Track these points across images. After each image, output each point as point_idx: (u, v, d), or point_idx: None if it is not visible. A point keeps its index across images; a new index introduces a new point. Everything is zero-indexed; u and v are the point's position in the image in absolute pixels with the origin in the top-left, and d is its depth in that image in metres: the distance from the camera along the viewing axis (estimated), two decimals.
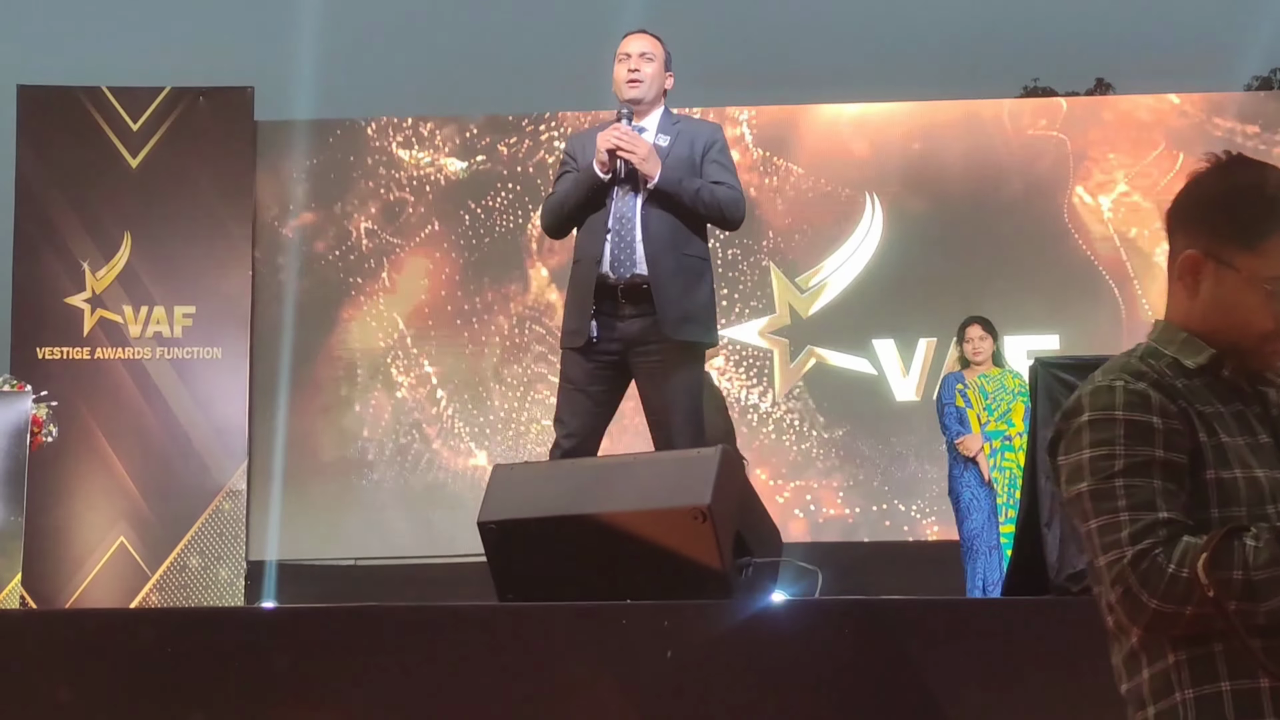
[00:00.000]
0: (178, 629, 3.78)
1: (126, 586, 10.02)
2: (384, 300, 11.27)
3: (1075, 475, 2.12)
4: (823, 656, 3.54)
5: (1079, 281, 11.25)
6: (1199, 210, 2.20)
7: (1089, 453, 2.10)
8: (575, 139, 5.54)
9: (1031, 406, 4.31)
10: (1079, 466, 2.11)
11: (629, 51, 5.34)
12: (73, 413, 9.55)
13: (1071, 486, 2.12)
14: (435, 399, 11.14)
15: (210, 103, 10.82)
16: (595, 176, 5.17)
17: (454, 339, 11.25)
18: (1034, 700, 3.48)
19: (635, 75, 5.30)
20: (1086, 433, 2.11)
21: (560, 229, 5.39)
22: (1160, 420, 2.08)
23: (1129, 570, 2.02)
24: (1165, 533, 2.02)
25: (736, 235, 11.17)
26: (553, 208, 5.34)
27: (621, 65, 5.33)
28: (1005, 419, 8.02)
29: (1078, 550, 4.04)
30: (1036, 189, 11.38)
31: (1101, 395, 2.12)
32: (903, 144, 11.47)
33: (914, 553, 10.64)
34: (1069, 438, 2.14)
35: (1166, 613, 2.00)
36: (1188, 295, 2.19)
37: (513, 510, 4.01)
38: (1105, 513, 2.06)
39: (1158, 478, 2.05)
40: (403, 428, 11.13)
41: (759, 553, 3.98)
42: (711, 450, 3.90)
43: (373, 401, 11.15)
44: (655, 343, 5.13)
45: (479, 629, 3.63)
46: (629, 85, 5.30)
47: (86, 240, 10.48)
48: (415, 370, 11.20)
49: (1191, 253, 2.17)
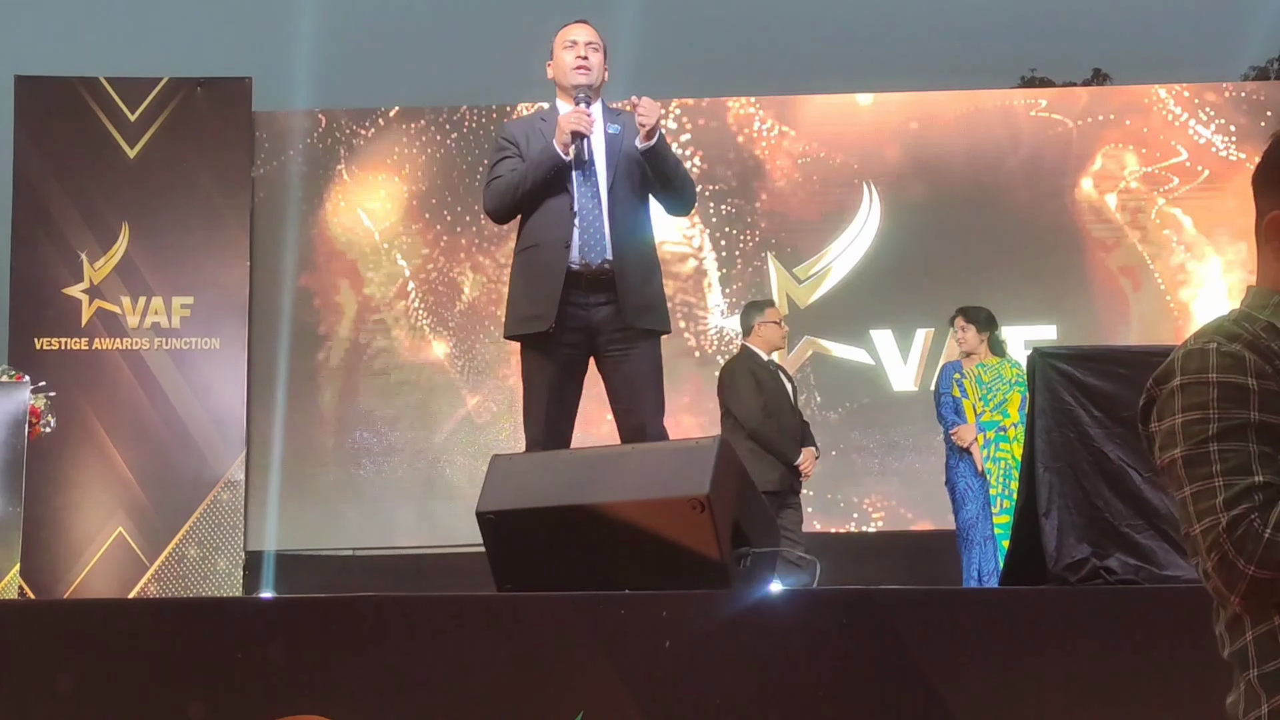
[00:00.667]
0: (176, 619, 3.78)
1: (125, 577, 10.03)
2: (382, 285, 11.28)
3: (1168, 441, 2.08)
4: (821, 646, 3.54)
5: (1078, 272, 11.26)
6: (1272, 178, 2.18)
7: (1181, 417, 2.05)
8: (512, 126, 5.50)
9: (1030, 397, 4.31)
10: (1171, 432, 2.07)
11: (576, 39, 5.34)
12: (71, 403, 9.55)
13: (1165, 453, 2.08)
14: None
15: (208, 93, 10.82)
16: (556, 157, 5.16)
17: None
18: (1032, 689, 3.49)
19: (584, 63, 5.31)
20: (1179, 397, 2.07)
21: (510, 212, 5.33)
22: (1255, 382, 2.03)
23: (1224, 537, 1.98)
24: (1261, 497, 1.97)
25: (734, 225, 11.19)
26: (505, 190, 5.26)
27: (569, 52, 5.33)
28: (1001, 409, 8.03)
29: (1075, 540, 4.05)
30: (1036, 179, 11.39)
31: (1194, 359, 2.08)
32: (901, 133, 11.47)
33: (911, 542, 10.66)
34: (1161, 402, 2.11)
35: (1264, 579, 1.96)
36: (1277, 258, 2.17)
37: (511, 500, 4.01)
38: (1199, 479, 2.02)
39: (1253, 441, 2.00)
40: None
41: (757, 543, 3.98)
42: (709, 440, 3.90)
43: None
44: (619, 330, 5.15)
45: (477, 619, 3.63)
46: (578, 71, 5.30)
47: (84, 231, 10.48)
48: None
49: (1277, 214, 2.16)
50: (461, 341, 11.25)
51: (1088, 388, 4.15)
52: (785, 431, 7.91)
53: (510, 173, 5.26)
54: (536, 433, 5.16)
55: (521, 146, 5.31)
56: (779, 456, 7.83)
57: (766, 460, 7.80)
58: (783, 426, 7.92)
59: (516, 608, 3.67)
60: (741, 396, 7.99)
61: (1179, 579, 3.97)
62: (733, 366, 8.26)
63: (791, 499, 7.93)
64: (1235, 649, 2.11)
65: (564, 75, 5.33)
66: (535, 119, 5.43)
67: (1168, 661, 3.51)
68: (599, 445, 5.10)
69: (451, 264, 11.34)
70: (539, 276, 5.17)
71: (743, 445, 7.84)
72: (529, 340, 5.20)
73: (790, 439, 7.91)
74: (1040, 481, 4.09)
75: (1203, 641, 3.53)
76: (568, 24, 5.42)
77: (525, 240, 5.29)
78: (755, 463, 7.76)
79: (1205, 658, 3.49)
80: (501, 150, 5.37)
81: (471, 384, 11.19)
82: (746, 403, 7.95)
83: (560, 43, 5.37)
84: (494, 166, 5.37)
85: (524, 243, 5.29)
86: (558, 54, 5.37)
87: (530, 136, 5.31)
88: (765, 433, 7.85)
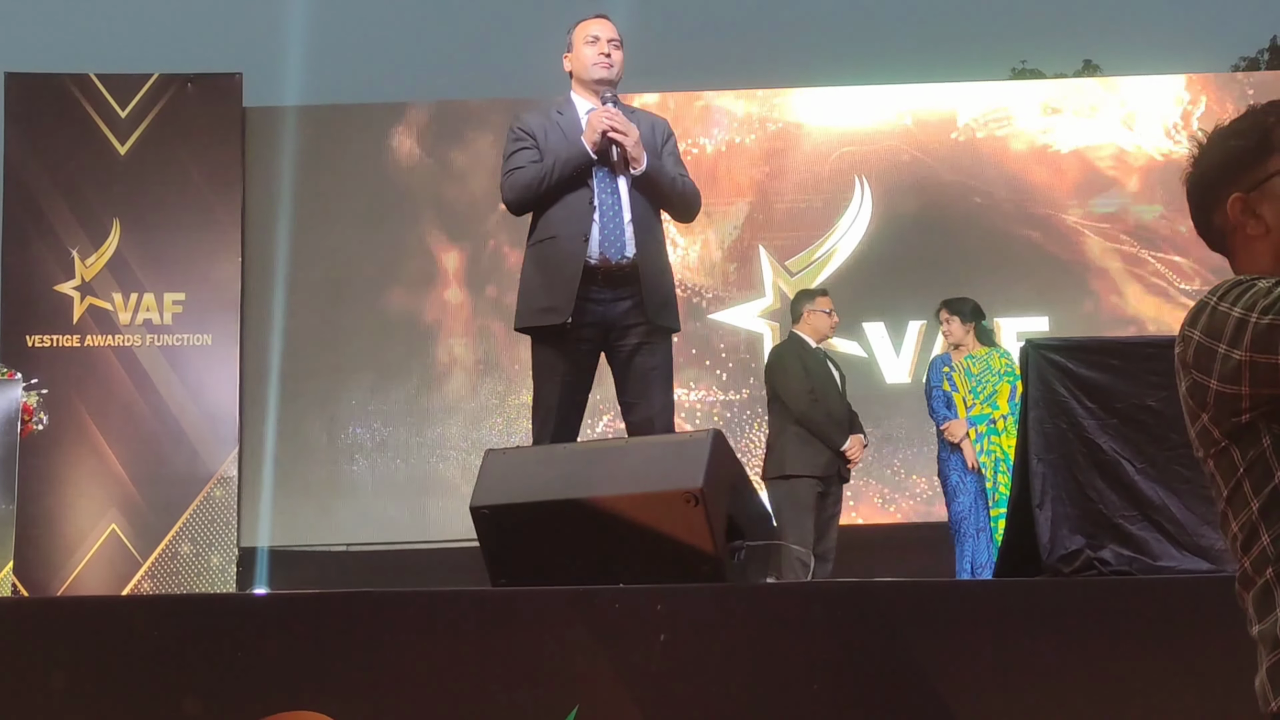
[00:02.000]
0: (170, 616, 3.78)
1: (118, 574, 10.02)
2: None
3: (1237, 333, 2.04)
4: (815, 639, 3.55)
5: (1070, 264, 11.27)
6: (1214, 168, 2.22)
7: (1238, 311, 2.04)
8: (529, 118, 5.44)
9: (1023, 388, 4.31)
10: (1222, 326, 2.05)
11: (598, 35, 5.33)
12: (63, 400, 9.55)
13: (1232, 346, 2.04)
14: None
15: (198, 89, 10.81)
16: (585, 155, 5.15)
17: None
18: (1026, 680, 3.49)
19: (606, 59, 5.30)
20: (1226, 301, 2.06)
21: (531, 205, 5.29)
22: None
23: None
24: None
25: (726, 218, 11.19)
26: (529, 182, 5.23)
27: (591, 47, 5.31)
28: (990, 402, 8.04)
29: (1069, 532, 4.05)
30: (1027, 170, 11.39)
31: (1232, 287, 2.08)
32: (892, 126, 11.47)
33: (905, 535, 10.66)
34: (1206, 322, 2.09)
35: None
36: (1257, 234, 2.18)
37: (505, 495, 4.01)
38: None
39: None
40: None
41: (751, 536, 3.99)
42: (703, 434, 3.90)
43: None
44: (638, 326, 5.15)
45: (471, 613, 3.63)
46: (600, 66, 5.30)
47: (75, 228, 10.47)
48: None
49: (1235, 195, 2.18)
50: (455, 335, 11.23)
51: (1081, 379, 4.15)
52: (832, 417, 7.91)
53: (532, 164, 5.23)
54: (546, 425, 5.14)
55: (540, 139, 5.29)
56: (826, 441, 7.83)
57: (813, 445, 7.84)
58: (830, 412, 7.92)
59: (511, 602, 3.67)
60: (789, 381, 8.02)
61: (1173, 570, 3.98)
62: (782, 350, 8.32)
63: (836, 486, 7.93)
64: (1264, 628, 2.11)
65: (584, 70, 5.32)
66: (551, 111, 5.40)
67: (1162, 652, 3.52)
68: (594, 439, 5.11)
69: (446, 256, 11.32)
70: (556, 269, 5.15)
71: (789, 430, 7.88)
72: (542, 333, 5.19)
73: (837, 425, 7.90)
74: (1034, 473, 4.09)
75: (1196, 632, 3.55)
76: (587, 18, 5.39)
77: (542, 232, 5.25)
78: (802, 447, 7.80)
79: (1199, 648, 3.51)
80: (519, 141, 5.33)
81: (465, 378, 11.18)
82: (794, 387, 7.97)
83: (581, 37, 5.35)
84: (512, 157, 5.32)
85: (540, 235, 5.26)
86: (578, 48, 5.35)
87: (548, 130, 5.29)
88: (812, 417, 7.86)
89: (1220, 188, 2.21)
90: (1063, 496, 4.07)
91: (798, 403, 7.93)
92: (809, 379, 7.98)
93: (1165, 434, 4.07)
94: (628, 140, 5.14)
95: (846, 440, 7.87)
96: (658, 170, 5.23)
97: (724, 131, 11.49)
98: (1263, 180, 2.17)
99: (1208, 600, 3.63)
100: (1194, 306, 2.14)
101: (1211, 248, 2.29)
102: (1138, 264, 11.22)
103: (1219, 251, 2.27)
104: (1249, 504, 2.11)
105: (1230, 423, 2.12)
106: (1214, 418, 2.14)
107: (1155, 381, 4.10)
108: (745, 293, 11.26)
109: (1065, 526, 4.02)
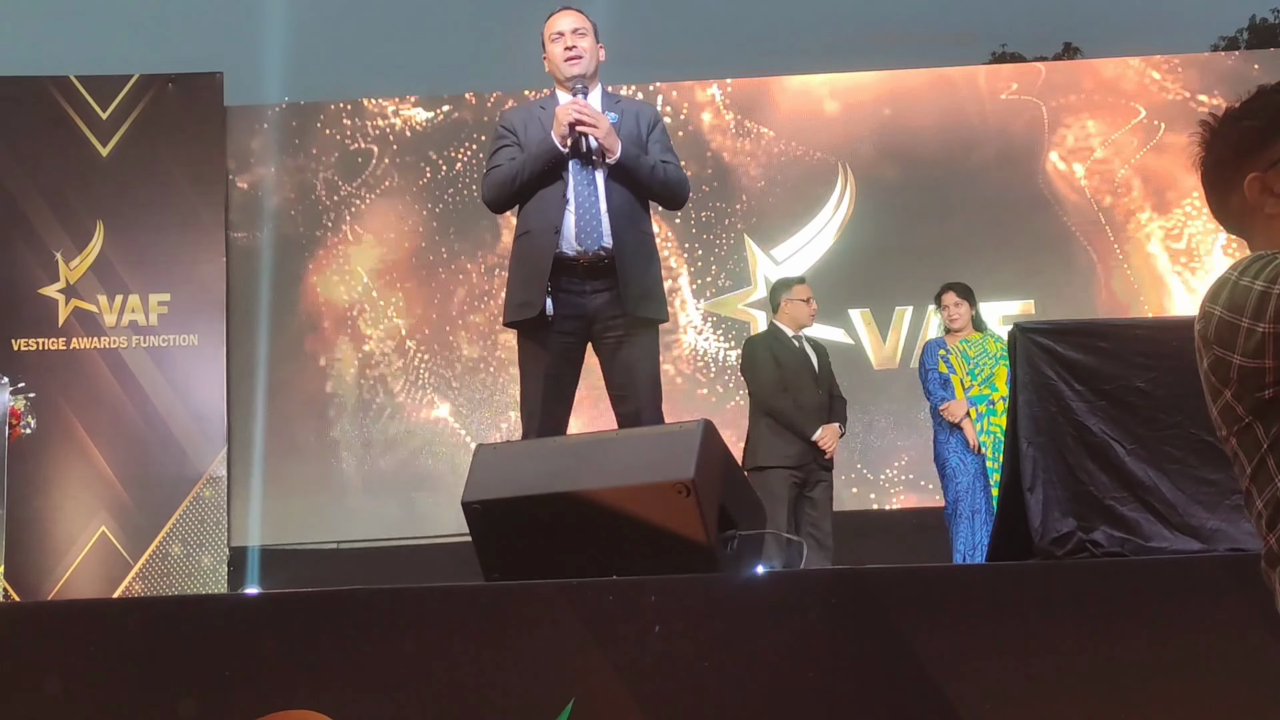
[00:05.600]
0: (162, 617, 3.77)
1: (109, 576, 10.00)
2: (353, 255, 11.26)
3: (1245, 306, 2.06)
4: (809, 628, 3.55)
5: (1053, 247, 11.29)
6: (1229, 150, 2.23)
7: (1260, 284, 2.05)
8: (512, 114, 5.47)
9: (1011, 372, 4.31)
10: (1244, 300, 2.06)
11: (561, 30, 5.34)
12: (50, 404, 9.52)
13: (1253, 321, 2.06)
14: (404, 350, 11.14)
15: (179, 89, 10.78)
16: (555, 149, 5.16)
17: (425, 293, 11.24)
18: (1020, 664, 3.50)
19: (573, 52, 5.32)
20: (1248, 276, 2.07)
21: (508, 203, 5.33)
22: None
23: None
24: None
25: (711, 207, 11.19)
26: (503, 180, 5.26)
27: (556, 44, 5.33)
28: (989, 383, 8.05)
29: (1060, 514, 4.05)
30: (1010, 155, 11.41)
31: (1253, 262, 2.09)
32: (874, 112, 11.48)
33: (894, 521, 10.68)
34: (1227, 297, 2.10)
35: None
36: (1276, 212, 2.19)
37: (496, 490, 4.01)
38: None
39: None
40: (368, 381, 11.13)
41: (743, 525, 3.99)
42: (694, 424, 3.90)
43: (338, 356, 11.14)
44: (618, 317, 5.15)
45: (465, 609, 3.63)
46: (569, 63, 5.31)
47: (59, 230, 10.44)
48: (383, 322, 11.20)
49: (1252, 175, 2.19)
50: (442, 331, 11.23)
51: (1069, 361, 4.16)
52: (802, 407, 7.92)
53: (509, 162, 5.25)
54: (532, 419, 5.15)
55: (520, 135, 5.30)
56: (795, 431, 7.85)
57: (785, 436, 7.88)
58: (800, 402, 7.93)
59: (504, 597, 3.67)
60: (758, 373, 8.07)
61: (1164, 550, 3.98)
62: (753, 343, 8.37)
63: (819, 475, 7.94)
64: None
65: (557, 68, 5.34)
66: (535, 106, 5.43)
67: (1154, 632, 3.52)
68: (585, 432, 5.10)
69: (429, 252, 11.31)
70: (531, 263, 5.17)
71: (761, 422, 7.93)
72: (524, 327, 5.20)
73: (808, 415, 7.91)
74: (1024, 456, 4.09)
75: (1189, 611, 3.56)
76: (553, 13, 5.40)
77: (520, 227, 5.30)
78: (774, 438, 7.84)
79: (1192, 626, 3.52)
80: (501, 139, 5.36)
81: (452, 374, 11.17)
82: (762, 379, 8.03)
83: (548, 36, 5.37)
84: (493, 155, 5.36)
85: (519, 229, 5.31)
86: (548, 47, 5.37)
87: (529, 124, 5.30)
88: (779, 408, 7.89)
89: (1236, 169, 2.21)
90: (1053, 479, 4.07)
91: (765, 394, 7.97)
92: (779, 370, 8.00)
93: (1154, 414, 4.08)
94: (598, 130, 5.14)
95: (818, 430, 7.88)
96: (634, 159, 5.22)
97: (706, 121, 11.49)
98: (1278, 159, 2.17)
99: (1200, 579, 3.64)
100: (1214, 283, 2.14)
101: (1227, 229, 2.30)
102: (1123, 246, 11.24)
103: (1235, 233, 2.27)
104: (1273, 480, 2.11)
105: (1254, 398, 2.11)
106: (1237, 393, 2.13)
107: (1143, 363, 4.10)
108: (730, 284, 11.27)
109: (1057, 509, 4.03)
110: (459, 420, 11.10)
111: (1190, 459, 4.06)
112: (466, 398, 11.13)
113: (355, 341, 11.21)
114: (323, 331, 11.21)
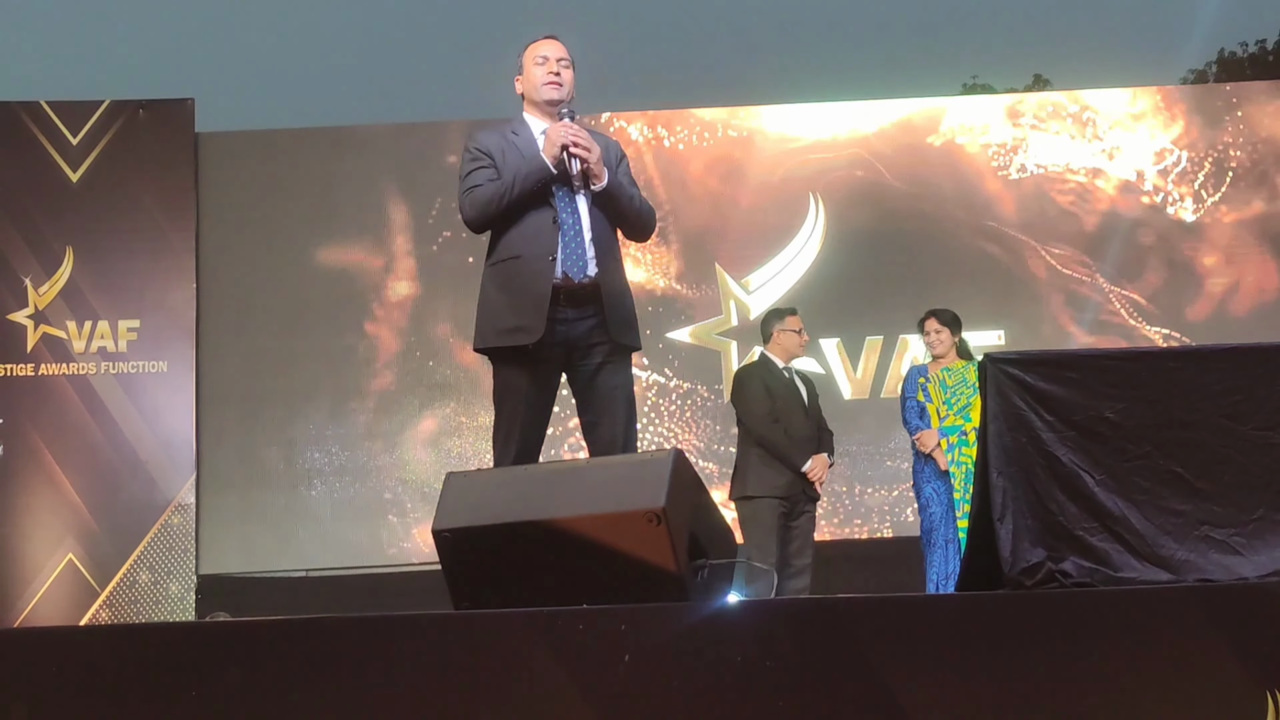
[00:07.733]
0: (129, 646, 3.74)
1: (76, 604, 9.95)
2: None
3: None
4: (781, 656, 3.55)
5: (1022, 278, 11.34)
6: None
7: None
8: (485, 136, 5.41)
9: (981, 402, 4.33)
10: None
11: (547, 55, 5.35)
12: (18, 430, 9.49)
13: None
14: None
15: (150, 115, 10.77)
16: (545, 170, 5.14)
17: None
18: (990, 693, 3.50)
19: (556, 79, 5.31)
20: None
21: (491, 222, 5.25)
22: None
23: None
24: None
25: (682, 236, 11.21)
26: (488, 199, 5.19)
27: (540, 68, 5.33)
28: (964, 413, 8.06)
29: (1030, 544, 4.06)
30: (978, 184, 11.46)
31: None
32: (846, 143, 11.53)
33: (865, 550, 10.69)
34: None
35: None
36: None
37: (467, 518, 4.00)
38: None
39: None
40: None
41: (714, 554, 3.98)
42: (665, 453, 3.90)
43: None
44: (600, 345, 5.15)
45: (435, 637, 3.61)
46: (550, 87, 5.31)
47: (28, 256, 10.41)
48: None
49: None
50: (412, 359, 11.21)
51: (1039, 392, 4.16)
52: (793, 438, 7.95)
53: (490, 183, 5.21)
54: (508, 446, 5.12)
55: (496, 158, 5.27)
56: (785, 462, 7.88)
57: (774, 466, 7.92)
58: (791, 433, 7.96)
59: (474, 625, 3.65)
60: (750, 403, 8.10)
61: (1133, 580, 3.99)
62: (744, 373, 8.37)
63: (805, 506, 7.97)
64: None
65: (535, 90, 5.33)
66: (506, 131, 5.39)
67: (1124, 662, 3.53)
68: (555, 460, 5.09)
69: (400, 280, 11.31)
70: (523, 289, 5.11)
71: (752, 452, 7.94)
72: (506, 353, 5.15)
73: (797, 445, 7.94)
74: (994, 486, 4.09)
75: (1158, 641, 3.57)
76: (537, 39, 5.40)
77: (503, 252, 5.21)
78: (763, 468, 7.87)
79: (1161, 657, 3.53)
80: (476, 160, 5.31)
81: (422, 402, 11.16)
82: (754, 409, 8.05)
83: (531, 58, 5.36)
84: (469, 175, 5.29)
85: (501, 254, 5.22)
86: (529, 69, 5.36)
87: (505, 150, 5.28)
88: (771, 438, 7.92)
89: None
90: (1023, 509, 4.07)
91: (757, 425, 7.99)
92: (770, 400, 8.03)
93: (1123, 445, 4.09)
94: (590, 155, 5.13)
95: (808, 461, 7.90)
96: (618, 186, 5.23)
97: (677, 149, 11.52)
98: None
99: (1169, 610, 3.65)
100: None
101: None
102: (1090, 274, 11.30)
103: None
104: None
105: None
106: None
107: (1112, 394, 4.11)
108: (701, 313, 11.29)
109: (1026, 539, 4.03)
110: (429, 448, 11.07)
111: (1159, 490, 4.07)
112: (439, 426, 11.10)
113: (326, 368, 11.18)
114: (296, 358, 11.18)
